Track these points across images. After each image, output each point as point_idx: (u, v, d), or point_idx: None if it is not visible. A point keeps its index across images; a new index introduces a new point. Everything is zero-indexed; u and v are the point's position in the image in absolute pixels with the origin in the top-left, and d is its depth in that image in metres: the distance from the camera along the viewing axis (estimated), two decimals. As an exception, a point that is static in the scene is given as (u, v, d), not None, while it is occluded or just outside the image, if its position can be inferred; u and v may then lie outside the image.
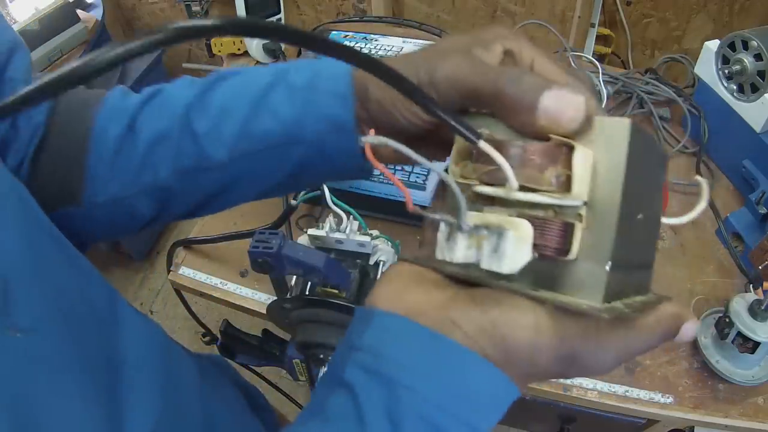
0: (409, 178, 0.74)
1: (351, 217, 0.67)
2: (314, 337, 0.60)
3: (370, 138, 0.26)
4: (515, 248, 0.25)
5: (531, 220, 0.25)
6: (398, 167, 0.73)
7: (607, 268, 0.25)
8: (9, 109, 0.18)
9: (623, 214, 0.25)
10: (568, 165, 0.25)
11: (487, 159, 0.26)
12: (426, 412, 0.25)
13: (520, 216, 0.26)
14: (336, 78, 0.34)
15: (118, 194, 0.39)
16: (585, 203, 0.25)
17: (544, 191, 0.25)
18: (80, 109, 0.40)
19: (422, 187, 0.74)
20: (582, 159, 0.25)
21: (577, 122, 0.25)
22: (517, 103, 0.26)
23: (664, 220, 0.30)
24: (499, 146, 0.26)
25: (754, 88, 0.73)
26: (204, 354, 0.55)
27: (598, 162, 0.25)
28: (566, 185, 0.25)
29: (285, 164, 0.37)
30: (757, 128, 0.74)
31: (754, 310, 0.59)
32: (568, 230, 0.25)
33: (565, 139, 0.25)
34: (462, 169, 0.28)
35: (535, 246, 0.25)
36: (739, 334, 0.60)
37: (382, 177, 0.74)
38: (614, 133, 0.25)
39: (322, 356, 0.61)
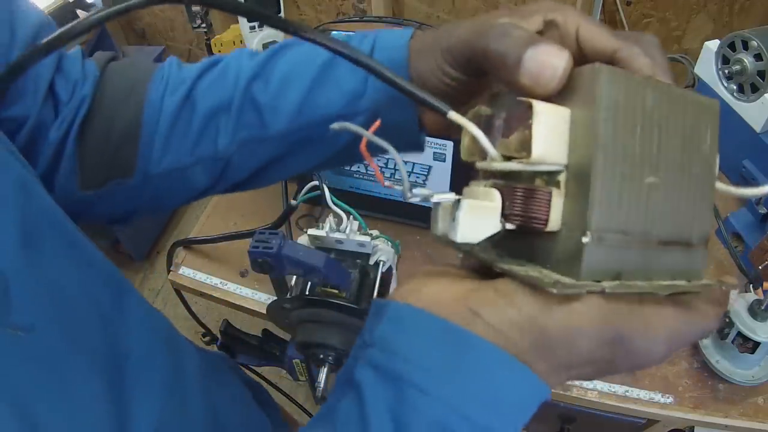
0: (409, 177, 0.74)
1: (351, 217, 0.67)
2: (314, 337, 0.60)
3: (335, 124, 0.25)
4: (470, 216, 0.23)
5: (512, 190, 0.23)
6: (398, 167, 0.73)
7: (585, 239, 0.21)
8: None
9: (607, 176, 0.22)
10: None
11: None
12: (437, 415, 0.22)
13: (512, 188, 0.24)
14: (394, 49, 0.34)
15: (174, 166, 0.39)
16: (566, 168, 0.23)
17: (516, 158, 0.23)
18: (131, 82, 0.39)
19: (423, 185, 0.74)
20: (543, 115, 0.22)
21: (555, 82, 0.22)
22: (502, 60, 0.24)
23: (732, 189, 0.26)
24: (486, 119, 0.24)
25: (754, 88, 0.73)
26: (208, 350, 0.54)
27: (578, 120, 0.22)
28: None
29: (341, 136, 0.37)
30: (757, 128, 0.74)
31: (754, 310, 0.59)
32: (542, 198, 0.23)
33: (526, 99, 0.23)
34: (469, 148, 0.26)
35: (513, 217, 0.23)
36: (739, 334, 0.60)
37: (382, 177, 0.75)
38: (588, 83, 0.22)
39: (322, 356, 0.61)
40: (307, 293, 0.63)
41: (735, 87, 0.77)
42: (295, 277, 0.66)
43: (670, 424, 0.70)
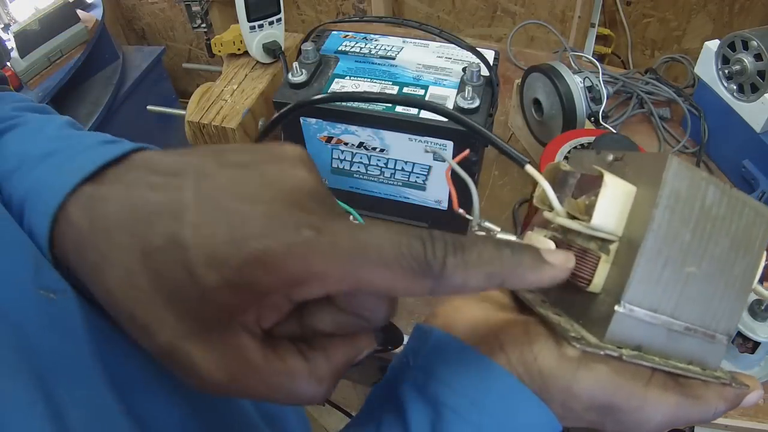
0: (409, 178, 0.74)
1: (351, 217, 0.67)
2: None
3: (428, 147, 0.29)
4: None
5: (567, 246, 0.26)
6: (398, 167, 0.73)
7: (617, 307, 0.24)
8: None
9: (652, 257, 0.23)
10: None
11: (559, 189, 0.27)
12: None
13: (568, 242, 0.26)
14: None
15: None
16: (619, 239, 0.25)
17: (579, 219, 0.25)
18: None
19: (422, 188, 0.74)
20: (610, 189, 0.24)
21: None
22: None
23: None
24: (563, 175, 0.27)
25: (754, 88, 0.73)
26: None
27: (640, 199, 0.24)
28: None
29: None
30: (757, 128, 0.74)
31: (754, 310, 0.59)
32: (591, 261, 0.25)
33: (599, 169, 0.25)
34: (541, 197, 0.29)
35: None
36: (739, 334, 0.60)
37: (382, 177, 0.75)
38: (657, 169, 0.24)
39: (322, 356, 0.61)
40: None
41: (735, 87, 0.77)
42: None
43: (670, 424, 0.70)
